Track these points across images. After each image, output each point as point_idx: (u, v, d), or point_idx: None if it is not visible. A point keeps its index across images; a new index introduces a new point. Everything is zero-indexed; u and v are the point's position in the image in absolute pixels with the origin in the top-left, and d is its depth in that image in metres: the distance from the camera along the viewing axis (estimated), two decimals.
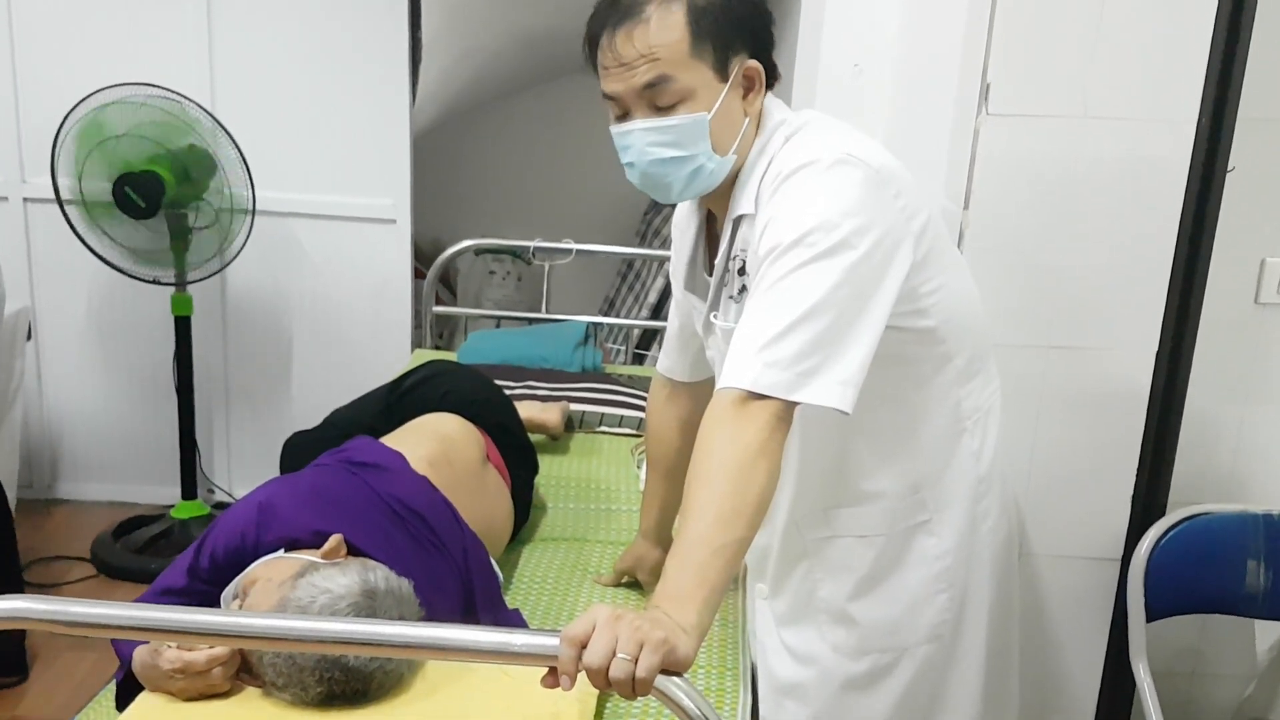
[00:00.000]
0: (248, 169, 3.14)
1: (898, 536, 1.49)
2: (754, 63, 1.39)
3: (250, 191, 3.16)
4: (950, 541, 1.49)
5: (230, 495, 3.75)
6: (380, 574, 1.48)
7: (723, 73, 1.36)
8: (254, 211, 3.17)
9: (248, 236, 3.20)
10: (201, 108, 3.09)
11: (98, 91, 3.04)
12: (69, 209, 3.08)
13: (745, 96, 1.40)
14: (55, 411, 3.70)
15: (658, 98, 1.34)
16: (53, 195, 3.06)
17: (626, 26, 1.33)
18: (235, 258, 3.24)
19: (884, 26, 2.15)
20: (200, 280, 3.28)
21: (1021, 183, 1.79)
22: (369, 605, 1.43)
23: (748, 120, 1.40)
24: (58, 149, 3.04)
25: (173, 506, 3.47)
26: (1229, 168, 1.77)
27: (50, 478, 3.75)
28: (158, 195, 3.01)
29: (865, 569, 1.50)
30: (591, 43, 1.37)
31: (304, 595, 1.42)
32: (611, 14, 1.35)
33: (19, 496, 3.25)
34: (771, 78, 1.42)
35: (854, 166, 1.32)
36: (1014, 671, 1.65)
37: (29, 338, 3.17)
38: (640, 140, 1.36)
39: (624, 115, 1.38)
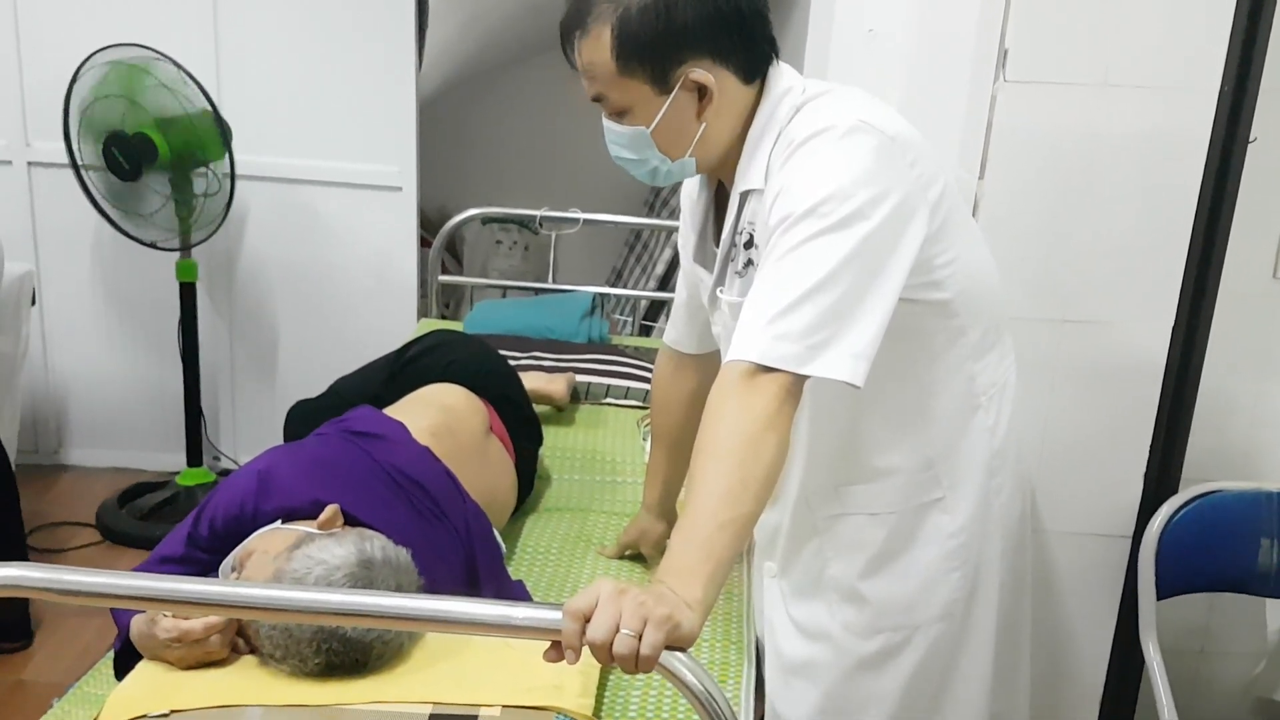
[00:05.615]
0: (224, 136, 3.10)
1: (910, 514, 1.47)
2: (701, 73, 1.33)
3: (230, 162, 3.11)
4: (963, 519, 1.47)
5: (235, 462, 3.74)
6: (377, 544, 1.47)
7: (662, 86, 1.33)
8: (233, 175, 3.12)
9: (228, 206, 3.15)
10: (191, 76, 3.03)
11: (103, 50, 3.00)
12: (68, 171, 3.05)
13: (700, 102, 1.35)
14: (61, 377, 3.69)
15: (605, 106, 1.38)
16: (56, 160, 3.02)
17: (575, 36, 1.35)
18: (219, 227, 3.19)
19: None
20: (197, 244, 3.25)
21: (1038, 152, 1.75)
22: (366, 576, 1.42)
23: (704, 125, 1.36)
24: (75, 111, 3.00)
25: (178, 473, 3.48)
26: (1250, 139, 1.73)
27: (56, 443, 3.75)
28: (141, 159, 2.97)
29: (876, 547, 1.48)
30: (562, 44, 1.38)
31: (299, 567, 1.41)
32: (567, 19, 1.36)
33: (25, 462, 3.24)
34: (755, 69, 1.37)
35: (868, 134, 1.29)
36: (1025, 649, 1.63)
37: (33, 303, 3.16)
38: (606, 137, 1.41)
39: None
